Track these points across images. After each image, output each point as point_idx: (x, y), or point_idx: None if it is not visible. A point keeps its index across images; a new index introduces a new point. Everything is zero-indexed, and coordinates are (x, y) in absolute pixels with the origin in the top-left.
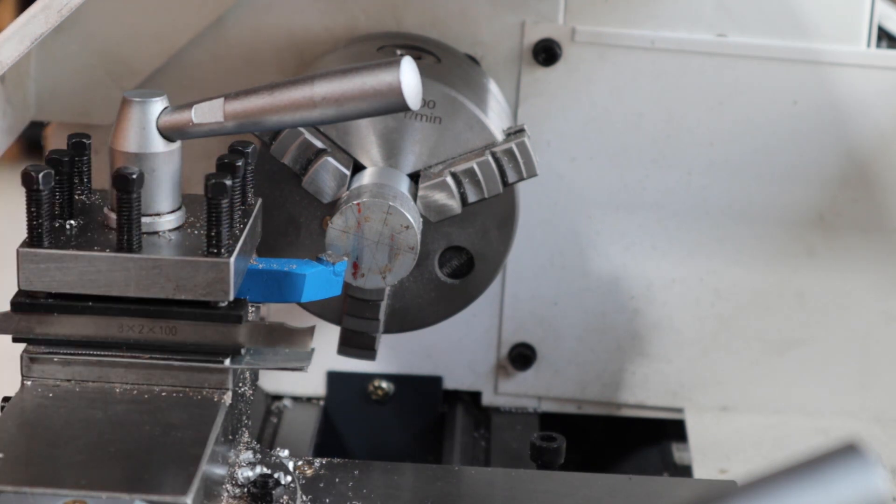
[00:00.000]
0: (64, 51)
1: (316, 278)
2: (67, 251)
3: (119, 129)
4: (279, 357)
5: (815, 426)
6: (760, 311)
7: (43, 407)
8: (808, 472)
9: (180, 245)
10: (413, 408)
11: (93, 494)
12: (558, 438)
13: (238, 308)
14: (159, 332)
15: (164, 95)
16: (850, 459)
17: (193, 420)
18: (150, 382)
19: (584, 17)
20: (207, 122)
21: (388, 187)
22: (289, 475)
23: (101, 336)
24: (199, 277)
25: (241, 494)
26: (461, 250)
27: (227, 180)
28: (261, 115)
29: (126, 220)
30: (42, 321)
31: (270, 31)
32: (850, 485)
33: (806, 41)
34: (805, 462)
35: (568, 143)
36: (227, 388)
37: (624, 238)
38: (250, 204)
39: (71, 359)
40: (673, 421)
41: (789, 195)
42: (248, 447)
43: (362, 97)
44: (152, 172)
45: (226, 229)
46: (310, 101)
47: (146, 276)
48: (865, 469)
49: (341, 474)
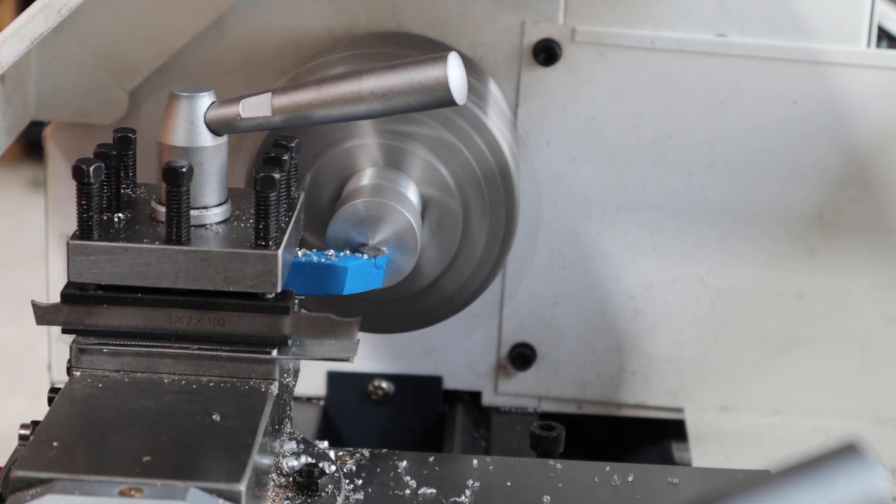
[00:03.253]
0: (64, 51)
1: (358, 271)
2: (117, 243)
3: (167, 123)
4: (325, 348)
5: (815, 426)
6: (760, 311)
7: (93, 397)
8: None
9: (228, 237)
10: (413, 408)
11: (148, 482)
12: (557, 427)
13: (285, 299)
14: (207, 323)
15: (211, 90)
16: (850, 459)
17: (242, 410)
18: (198, 373)
19: (584, 17)
20: (255, 117)
21: (389, 187)
22: (333, 465)
23: (149, 327)
24: (247, 269)
25: (287, 484)
26: None
27: (275, 174)
28: (308, 109)
29: (175, 213)
30: (91, 312)
31: (270, 31)
32: (850, 485)
33: (806, 41)
34: (805, 462)
35: (568, 143)
36: (273, 378)
37: (624, 238)
38: (294, 197)
39: (120, 350)
40: (673, 421)
41: (789, 195)
42: (292, 437)
43: (410, 92)
44: (200, 166)
45: (273, 222)
46: (357, 96)
47: (195, 268)
48: (865, 469)
49: (382, 464)
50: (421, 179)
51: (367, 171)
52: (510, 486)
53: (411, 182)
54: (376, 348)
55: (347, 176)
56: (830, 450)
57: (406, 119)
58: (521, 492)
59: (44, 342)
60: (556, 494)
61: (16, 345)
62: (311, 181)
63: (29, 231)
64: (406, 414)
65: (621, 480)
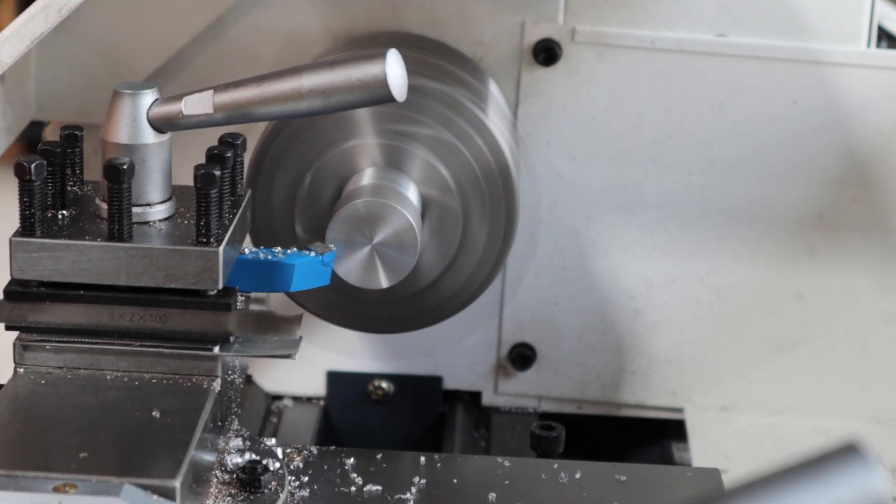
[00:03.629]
0: (64, 51)
1: (305, 268)
2: (59, 240)
3: (110, 120)
4: (267, 345)
5: (815, 426)
6: (760, 311)
7: (35, 393)
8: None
9: (170, 234)
10: (413, 408)
11: (83, 478)
12: (557, 427)
13: (227, 296)
14: (150, 320)
15: (154, 87)
16: (850, 459)
17: (183, 406)
18: (140, 370)
19: (584, 17)
20: (197, 114)
21: (389, 187)
22: (277, 461)
23: (92, 324)
24: (188, 266)
25: (230, 480)
26: None
27: (216, 170)
28: (249, 106)
29: (117, 210)
30: (34, 309)
31: (270, 31)
32: (850, 485)
33: (806, 41)
34: (805, 462)
35: (568, 143)
36: (216, 375)
37: (624, 238)
38: (240, 195)
39: (63, 346)
40: (673, 421)
41: (789, 195)
42: (238, 434)
43: (349, 89)
44: (143, 163)
45: (215, 219)
46: (297, 93)
47: (137, 265)
48: (865, 469)
49: (330, 461)
50: (421, 179)
51: (367, 171)
52: (456, 483)
53: (411, 182)
54: (376, 348)
55: (347, 176)
56: (830, 450)
57: (406, 119)
58: (466, 489)
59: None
60: (502, 492)
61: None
62: (311, 181)
63: None
64: (406, 414)
65: (569, 478)
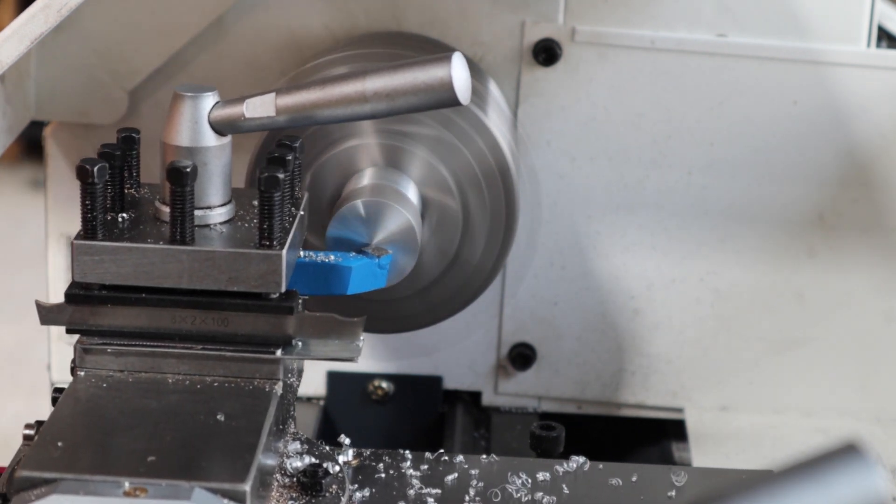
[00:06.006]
0: (64, 51)
1: (362, 271)
2: (121, 243)
3: (171, 123)
4: (329, 348)
5: (815, 426)
6: (760, 311)
7: (97, 397)
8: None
9: (232, 237)
10: (413, 408)
11: (152, 482)
12: (557, 427)
13: (289, 299)
14: (211, 323)
15: (215, 90)
16: (850, 459)
17: (246, 410)
18: (202, 373)
19: (584, 17)
20: (259, 117)
21: (389, 187)
22: (337, 465)
23: (153, 327)
24: (251, 269)
25: (291, 484)
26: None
27: (279, 174)
28: (312, 109)
29: (179, 213)
30: (95, 312)
31: (270, 31)
32: (850, 485)
33: (806, 41)
34: (805, 462)
35: (568, 143)
36: (278, 378)
37: (624, 238)
38: (298, 197)
39: (124, 350)
40: (673, 421)
41: (789, 195)
42: (296, 438)
43: (414, 92)
44: (204, 166)
45: (277, 222)
46: (361, 96)
47: (199, 268)
48: (865, 469)
49: (386, 464)
50: (421, 179)
51: (367, 171)
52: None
53: (411, 182)
54: (376, 348)
55: (347, 176)
56: (830, 450)
57: (406, 119)
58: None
59: (43, 342)
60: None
61: (15, 345)
62: (311, 181)
63: (29, 231)
64: (406, 414)
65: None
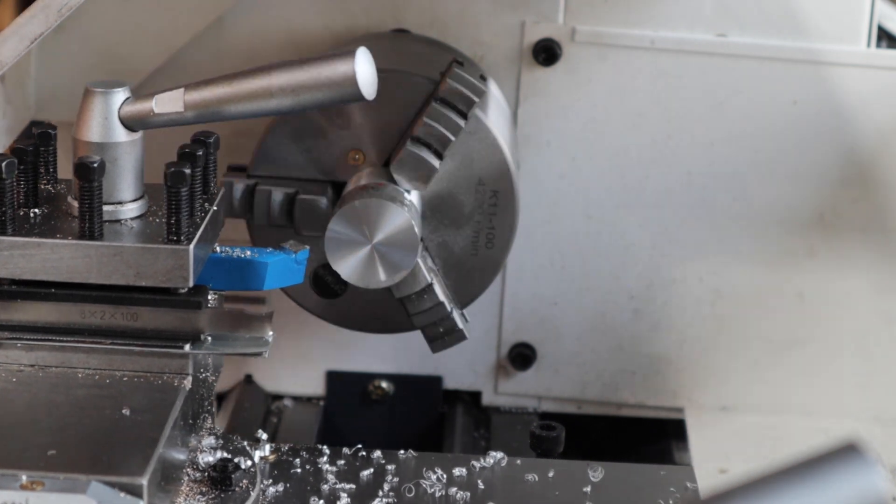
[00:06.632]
0: (64, 51)
1: (278, 266)
2: (30, 238)
3: (82, 119)
4: (239, 343)
5: (815, 426)
6: (760, 311)
7: (6, 391)
8: (808, 472)
9: (141, 233)
10: (413, 408)
11: (50, 475)
12: (557, 427)
13: (198, 294)
14: (121, 318)
15: (126, 86)
16: (850, 459)
17: (153, 404)
18: (111, 367)
19: (584, 17)
20: (168, 112)
21: (388, 186)
22: (249, 460)
23: (63, 322)
24: (159, 264)
25: (202, 478)
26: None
27: (186, 169)
28: (219, 104)
29: (88, 209)
30: (5, 307)
31: (270, 31)
32: (850, 485)
33: (806, 41)
34: (805, 462)
35: (568, 143)
36: (187, 373)
37: (624, 238)
38: (213, 193)
39: (34, 344)
40: (673, 421)
41: (789, 195)
42: (211, 433)
43: (318, 87)
44: (114, 162)
45: (185, 217)
46: (267, 91)
47: (107, 263)
48: (865, 469)
49: (303, 459)
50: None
51: (367, 171)
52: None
53: None
54: (376, 348)
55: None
56: (830, 450)
57: None
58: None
59: None
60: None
61: None
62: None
63: None
64: (406, 414)
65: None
